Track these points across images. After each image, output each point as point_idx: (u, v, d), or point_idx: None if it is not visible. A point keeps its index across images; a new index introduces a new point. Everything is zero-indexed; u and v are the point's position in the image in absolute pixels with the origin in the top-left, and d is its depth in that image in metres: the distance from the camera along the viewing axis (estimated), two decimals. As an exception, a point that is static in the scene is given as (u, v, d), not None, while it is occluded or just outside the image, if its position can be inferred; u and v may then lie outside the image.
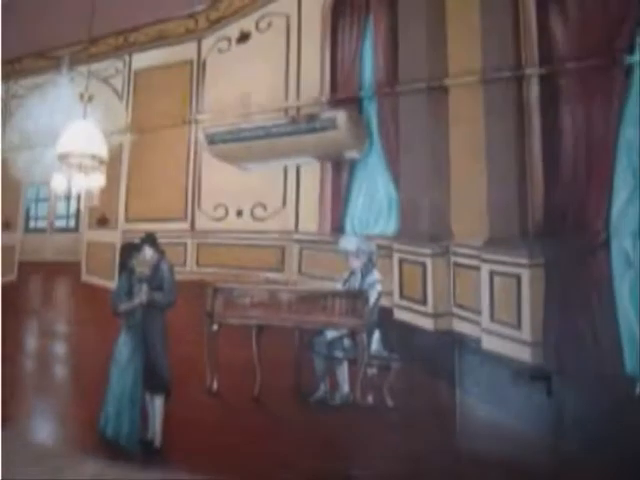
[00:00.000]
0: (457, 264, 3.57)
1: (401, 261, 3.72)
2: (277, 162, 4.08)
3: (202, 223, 4.42)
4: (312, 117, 3.95)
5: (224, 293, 4.08)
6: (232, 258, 4.18)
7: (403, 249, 3.74)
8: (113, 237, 4.78)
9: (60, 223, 5.23)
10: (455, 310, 3.53)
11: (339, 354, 3.77)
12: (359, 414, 3.64)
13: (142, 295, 4.39)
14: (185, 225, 4.47)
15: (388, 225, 3.83)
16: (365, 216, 3.90)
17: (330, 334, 3.79)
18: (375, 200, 3.87)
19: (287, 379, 3.79)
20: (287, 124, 4.05)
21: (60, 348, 5.02)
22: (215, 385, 4.06)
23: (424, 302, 3.60)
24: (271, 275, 4.01)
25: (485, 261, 3.48)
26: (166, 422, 4.28)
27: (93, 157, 3.74)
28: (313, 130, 3.92)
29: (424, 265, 3.64)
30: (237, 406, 3.96)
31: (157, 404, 4.38)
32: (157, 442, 4.34)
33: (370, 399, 3.68)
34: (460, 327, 3.50)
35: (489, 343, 3.42)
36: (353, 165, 3.95)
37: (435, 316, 3.56)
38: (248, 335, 3.93)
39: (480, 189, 3.50)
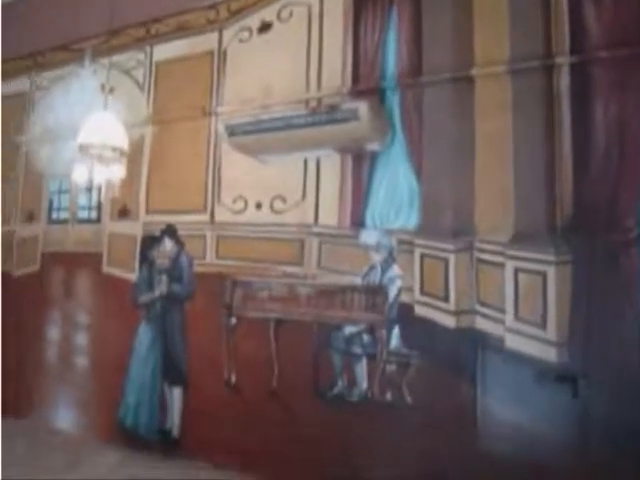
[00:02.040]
0: (481, 260, 3.46)
1: (422, 256, 3.62)
2: (297, 154, 4.01)
3: (221, 215, 4.40)
4: (333, 108, 3.87)
5: (243, 286, 4.08)
6: (251, 251, 4.14)
7: (425, 244, 3.64)
8: (134, 229, 4.78)
9: (82, 215, 5.26)
10: (478, 308, 3.42)
11: (357, 350, 3.72)
12: (377, 411, 3.60)
13: (162, 287, 4.44)
14: (205, 217, 4.44)
15: (409, 219, 3.73)
16: (386, 210, 3.81)
17: (349, 329, 3.74)
18: (396, 194, 3.78)
19: (305, 374, 3.76)
20: (307, 115, 3.97)
21: (82, 338, 5.08)
22: (233, 378, 4.08)
23: (446, 299, 3.51)
24: (290, 269, 3.96)
25: (510, 258, 3.36)
26: (184, 413, 4.33)
27: (114, 149, 3.73)
28: (334, 121, 3.84)
29: (446, 261, 3.53)
30: (255, 399, 3.97)
31: (176, 395, 4.42)
32: (175, 433, 4.39)
33: (389, 396, 3.64)
34: (483, 325, 3.39)
35: (513, 342, 3.31)
36: (374, 157, 3.86)
37: (457, 313, 3.47)
38: (266, 329, 3.91)
39: (506, 183, 3.39)
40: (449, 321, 3.48)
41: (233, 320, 4.09)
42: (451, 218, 3.56)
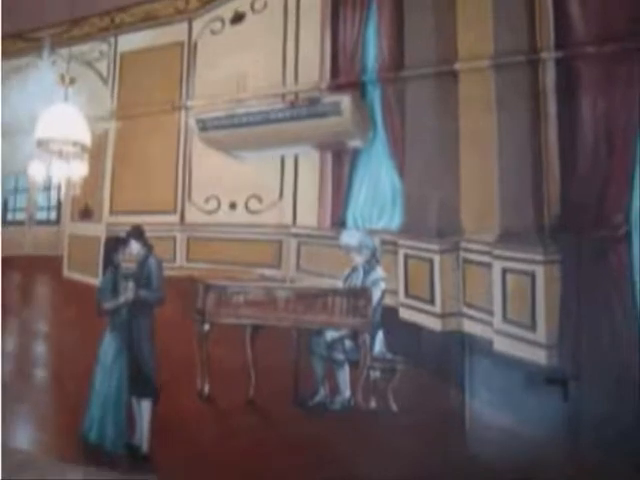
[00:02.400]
0: (467, 261, 3.39)
1: (407, 257, 3.54)
2: (274, 151, 3.89)
3: (193, 216, 4.22)
4: (314, 101, 3.73)
5: (216, 290, 3.87)
6: (225, 253, 3.98)
7: (409, 245, 3.56)
8: (97, 230, 4.56)
9: (41, 215, 4.97)
10: (465, 310, 3.36)
11: (340, 356, 3.60)
12: (361, 419, 3.48)
13: (128, 292, 4.19)
14: (174, 218, 4.26)
15: (393, 219, 3.65)
16: (368, 209, 3.71)
17: (330, 335, 3.61)
18: (379, 193, 3.69)
19: (284, 382, 3.61)
20: (286, 109, 3.82)
21: (41, 349, 4.78)
22: (207, 389, 3.90)
23: (431, 301, 3.44)
24: (267, 272, 3.84)
25: (497, 258, 3.31)
26: (154, 427, 4.10)
27: (75, 143, 3.47)
28: (314, 115, 3.70)
29: (431, 262, 3.46)
30: (230, 411, 3.81)
31: (144, 408, 4.18)
32: (144, 448, 4.15)
33: (373, 404, 3.53)
34: (470, 328, 3.33)
35: (501, 345, 3.25)
36: (355, 155, 3.77)
37: (443, 316, 3.39)
38: (242, 335, 3.75)
39: (492, 181, 3.34)
40: (435, 324, 3.40)
41: (206, 327, 3.89)
42: (436, 217, 3.49)
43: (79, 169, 3.71)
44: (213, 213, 4.13)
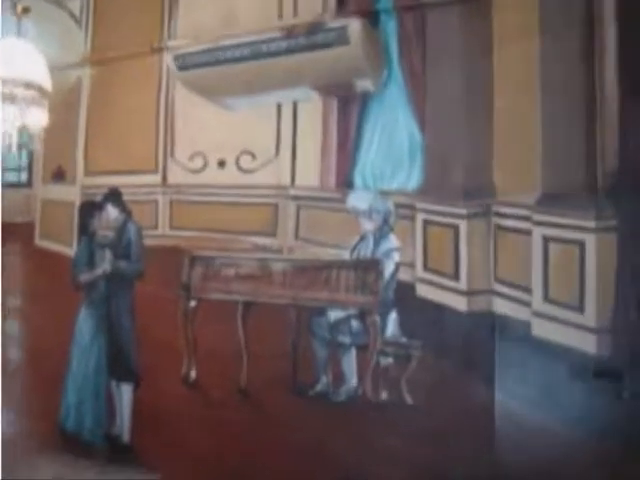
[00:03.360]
0: (500, 227, 3.03)
1: (426, 223, 3.20)
2: (268, 96, 3.50)
3: (176, 176, 3.89)
4: (315, 28, 3.26)
5: (203, 262, 3.56)
6: (213, 219, 3.68)
7: (429, 208, 3.22)
8: (71, 194, 4.23)
9: (9, 177, 4.59)
10: (497, 287, 3.00)
11: (345, 339, 3.26)
12: (369, 413, 3.18)
13: (105, 264, 3.84)
14: (156, 178, 3.93)
15: (410, 178, 3.28)
16: (380, 167, 3.36)
17: (334, 314, 3.29)
18: (394, 146, 3.32)
19: (280, 368, 3.34)
20: (281, 39, 3.33)
21: (11, 326, 4.46)
22: (193, 374, 3.60)
23: (456, 276, 3.09)
24: (261, 240, 3.54)
25: (538, 224, 2.93)
26: (136, 415, 3.80)
27: (28, 85, 2.89)
28: (316, 46, 3.22)
29: (456, 229, 3.11)
30: (219, 399, 3.54)
31: (125, 394, 3.87)
32: (126, 438, 3.85)
33: (384, 395, 3.20)
34: (503, 308, 2.98)
35: (541, 329, 2.91)
36: (365, 101, 3.37)
37: (470, 294, 3.05)
38: (233, 314, 3.46)
39: (533, 129, 2.91)
40: (460, 303, 3.08)
41: (192, 303, 3.59)
42: (463, 175, 3.13)
43: (37, 118, 3.11)
44: (199, 172, 3.81)
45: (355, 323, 3.27)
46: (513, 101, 2.98)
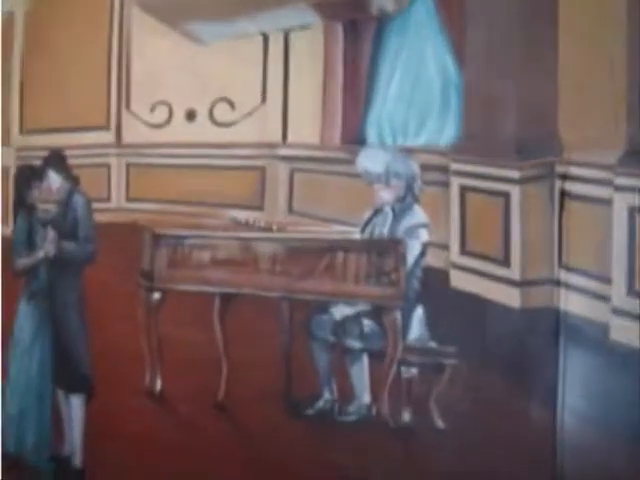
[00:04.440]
0: (568, 195, 2.58)
1: (465, 191, 2.83)
2: (249, 22, 3.16)
3: (133, 132, 3.58)
4: None
5: (170, 243, 3.16)
6: (181, 188, 3.35)
7: (469, 170, 2.80)
8: (4, 157, 3.77)
9: None
10: (562, 275, 2.58)
11: (355, 343, 2.87)
12: (387, 438, 2.82)
13: (47, 245, 3.37)
14: (107, 136, 3.63)
15: (442, 130, 2.92)
16: (402, 115, 2.99)
17: (340, 311, 2.90)
18: (420, 87, 2.95)
19: (269, 379, 3.00)
20: None
21: None
22: (158, 384, 3.21)
23: (505, 261, 2.73)
24: (244, 215, 3.15)
25: (621, 189, 2.47)
26: (89, 433, 3.37)
27: None
28: None
29: (507, 197, 2.70)
30: (191, 416, 3.14)
31: (75, 407, 3.44)
32: (77, 460, 3.47)
33: (406, 417, 2.80)
34: (571, 304, 2.58)
35: (623, 333, 2.49)
36: (382, 28, 3.04)
37: (525, 285, 2.70)
38: (208, 309, 3.11)
39: (617, 69, 2.49)
40: (511, 297, 2.73)
41: (156, 296, 3.20)
42: (515, 125, 2.73)
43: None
44: (162, 127, 3.47)
45: (368, 322, 2.85)
46: (585, 26, 2.56)
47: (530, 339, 2.56)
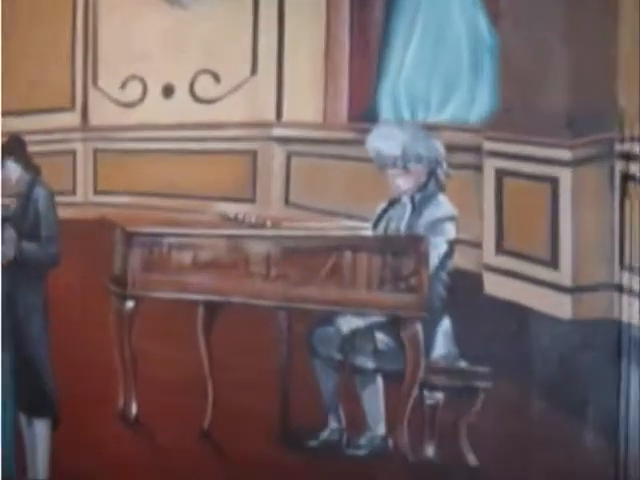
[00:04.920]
0: (632, 179, 2.19)
1: (502, 175, 2.42)
2: None
3: (102, 113, 3.24)
4: None
5: (145, 243, 2.84)
6: (157, 177, 3.01)
7: (508, 150, 2.41)
8: None
9: None
10: (624, 279, 2.20)
11: (367, 362, 2.51)
12: (405, 477, 2.52)
13: (6, 246, 3.15)
14: (72, 118, 3.31)
15: (473, 102, 2.57)
16: (422, 85, 2.64)
17: (348, 323, 2.54)
18: (444, 51, 2.60)
19: (264, 404, 2.68)
20: None
21: None
22: (134, 408, 2.91)
23: (553, 262, 2.32)
24: (232, 208, 2.85)
25: None
26: (57, 464, 3.14)
27: None
28: None
29: (555, 183, 2.30)
30: (172, 445, 2.83)
31: (39, 434, 3.20)
32: None
33: (430, 451, 2.46)
34: (635, 314, 2.18)
35: None
36: None
37: (577, 291, 2.29)
38: (191, 321, 2.81)
39: None
40: (560, 307, 2.32)
41: (129, 305, 2.88)
42: (565, 95, 2.33)
43: None
44: (135, 106, 3.14)
45: (382, 337, 2.49)
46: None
47: (584, 357, 2.17)
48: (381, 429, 2.50)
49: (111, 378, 2.94)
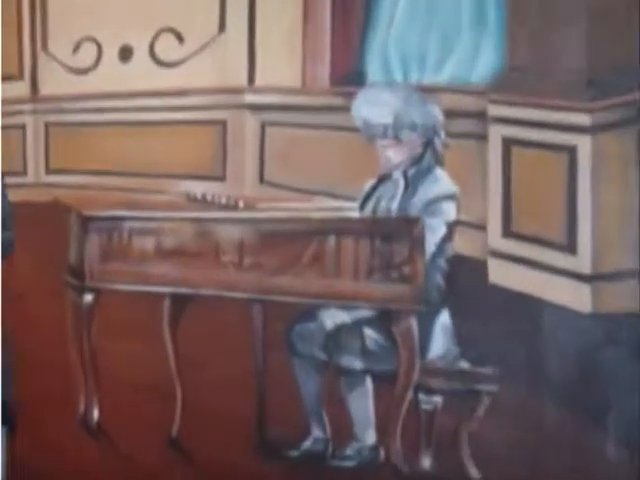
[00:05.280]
0: None
1: (509, 145, 2.21)
2: None
3: (53, 81, 3.14)
4: None
5: (103, 228, 2.57)
6: (116, 154, 2.88)
7: (516, 116, 2.16)
8: None
9: None
10: None
11: (353, 362, 2.26)
12: None
13: None
14: (20, 88, 3.10)
15: (475, 60, 2.36)
16: (416, 42, 2.44)
17: (332, 318, 2.27)
18: (441, 3, 2.43)
19: (238, 409, 2.47)
20: None
21: None
22: (95, 413, 2.65)
23: (570, 247, 2.09)
24: (199, 187, 2.62)
25: None
26: (14, 471, 2.86)
27: None
28: None
29: (572, 153, 2.05)
30: (137, 455, 2.60)
31: None
32: None
33: (426, 462, 2.22)
34: None
35: None
36: None
37: (598, 280, 2.07)
38: (155, 316, 2.55)
39: None
40: (578, 298, 2.11)
41: (88, 298, 2.60)
42: (585, 50, 2.07)
43: None
44: (90, 72, 3.00)
45: (371, 334, 2.23)
46: None
47: (605, 356, 1.94)
48: (370, 438, 2.25)
49: (70, 380, 2.67)
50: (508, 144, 2.19)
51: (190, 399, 2.50)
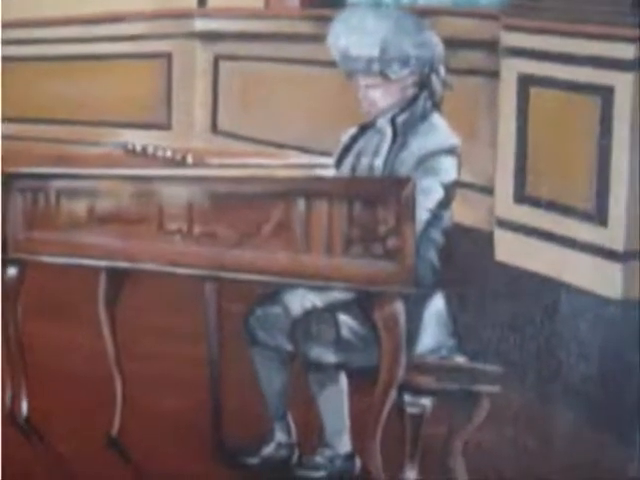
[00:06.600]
0: None
1: (526, 84, 1.81)
2: None
3: None
4: None
5: (27, 188, 2.24)
6: (40, 96, 2.42)
7: (534, 47, 1.74)
8: None
9: None
10: None
11: (325, 354, 1.94)
12: None
13: None
14: None
15: None
16: None
17: (301, 301, 1.97)
18: None
19: (189, 407, 2.20)
20: None
21: None
22: (24, 407, 2.35)
23: (600, 216, 1.72)
24: (140, 137, 2.33)
25: None
26: None
27: None
28: None
29: (608, 96, 1.66)
30: (72, 454, 2.29)
31: None
32: None
33: (411, 475, 1.90)
34: None
35: None
36: None
37: (631, 258, 1.69)
38: (89, 294, 2.23)
39: None
40: (608, 280, 1.76)
41: (11, 272, 2.31)
42: None
43: None
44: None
45: (348, 321, 1.94)
46: None
47: (637, 352, 1.59)
48: (344, 445, 1.96)
49: (-7, 368, 2.44)
50: (525, 83, 1.79)
51: (132, 394, 2.18)
